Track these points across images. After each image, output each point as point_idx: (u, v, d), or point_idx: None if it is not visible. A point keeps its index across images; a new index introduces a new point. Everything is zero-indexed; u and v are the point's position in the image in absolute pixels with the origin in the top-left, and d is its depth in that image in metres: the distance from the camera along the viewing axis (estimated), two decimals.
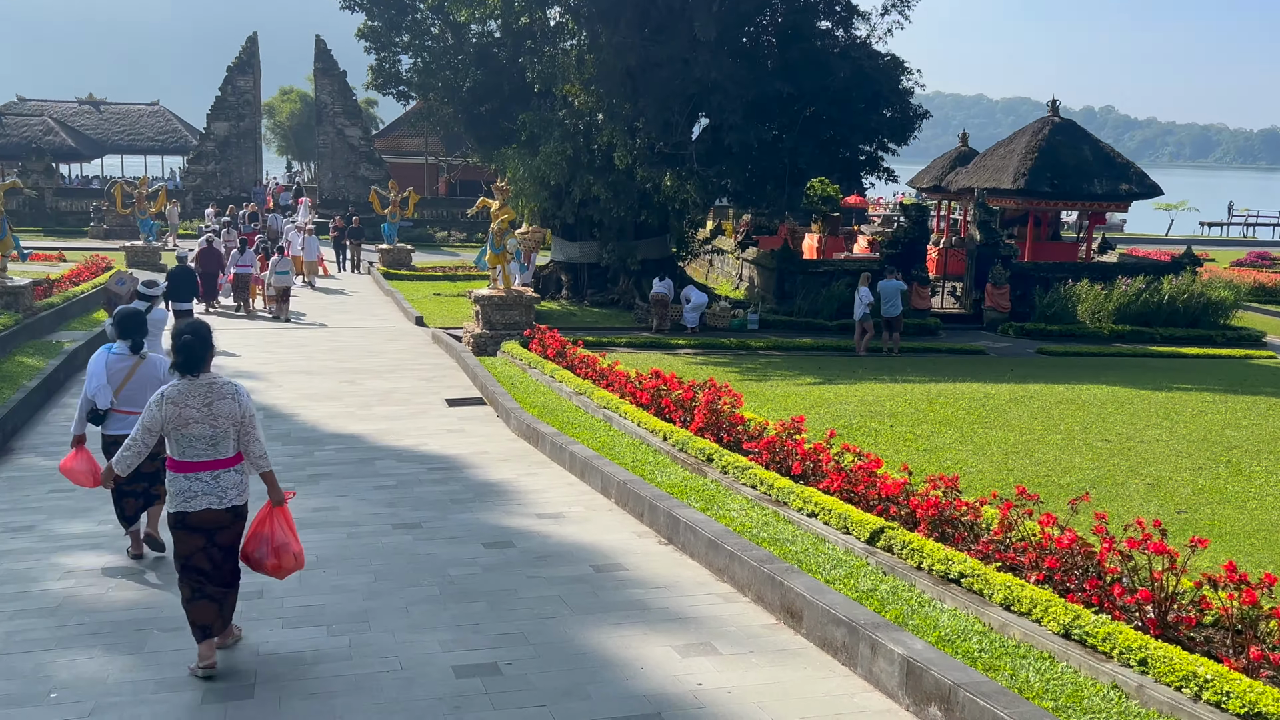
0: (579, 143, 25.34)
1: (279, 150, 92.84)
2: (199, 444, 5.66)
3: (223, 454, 5.74)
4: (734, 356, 21.03)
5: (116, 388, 7.49)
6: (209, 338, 5.91)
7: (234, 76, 53.12)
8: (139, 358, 7.61)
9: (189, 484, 5.71)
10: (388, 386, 16.16)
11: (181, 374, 5.72)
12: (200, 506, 5.70)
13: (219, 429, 5.68)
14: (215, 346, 6.03)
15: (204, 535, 5.76)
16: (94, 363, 7.65)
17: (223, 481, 5.74)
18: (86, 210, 47.05)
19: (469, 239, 48.86)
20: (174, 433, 5.66)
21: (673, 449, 10.39)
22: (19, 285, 17.75)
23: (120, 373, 7.53)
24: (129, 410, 7.34)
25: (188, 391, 5.67)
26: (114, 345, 7.69)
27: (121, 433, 7.16)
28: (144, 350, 7.70)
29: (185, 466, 5.71)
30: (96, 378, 7.53)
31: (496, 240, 19.94)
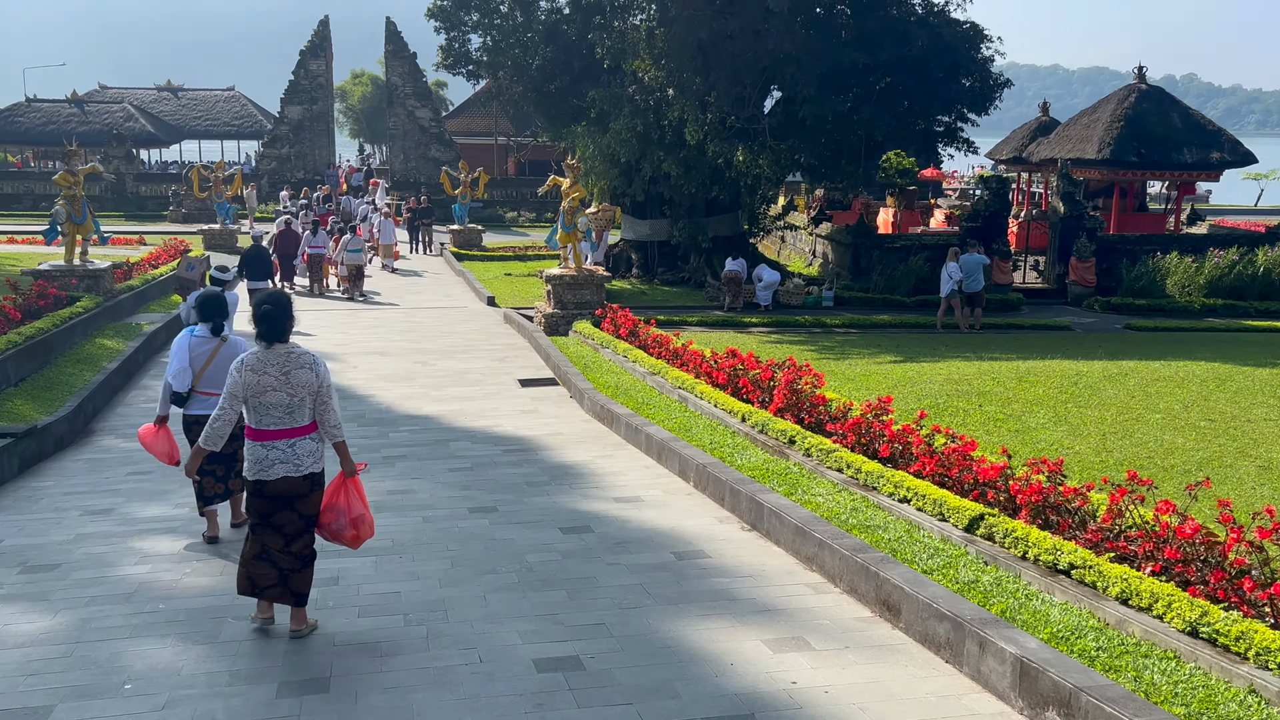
0: (649, 119, 24.99)
1: (351, 133, 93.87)
2: (276, 412, 5.72)
3: (298, 422, 5.79)
4: (809, 335, 20.56)
5: (199, 370, 7.53)
6: (289, 307, 5.93)
7: (306, 60, 53.62)
8: (220, 340, 7.61)
9: (266, 452, 5.76)
10: (461, 367, 16.05)
11: (264, 343, 5.76)
12: (278, 475, 5.75)
13: (296, 398, 5.74)
14: (295, 317, 6.05)
15: (283, 502, 5.82)
16: (176, 345, 7.68)
17: (299, 449, 5.78)
18: (165, 195, 48.00)
19: (538, 219, 48.82)
20: (252, 400, 5.74)
21: (752, 430, 10.05)
22: (99, 268, 17.99)
23: (202, 355, 7.56)
24: (211, 391, 7.37)
25: (267, 359, 5.73)
26: (196, 328, 7.71)
27: (203, 413, 7.19)
28: (225, 332, 7.70)
29: (262, 435, 5.77)
30: (178, 359, 7.56)
31: (567, 219, 19.70)
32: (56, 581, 6.71)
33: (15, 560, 7.19)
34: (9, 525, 8.10)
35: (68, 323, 14.89)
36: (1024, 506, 6.93)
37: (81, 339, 15.49)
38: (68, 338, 14.81)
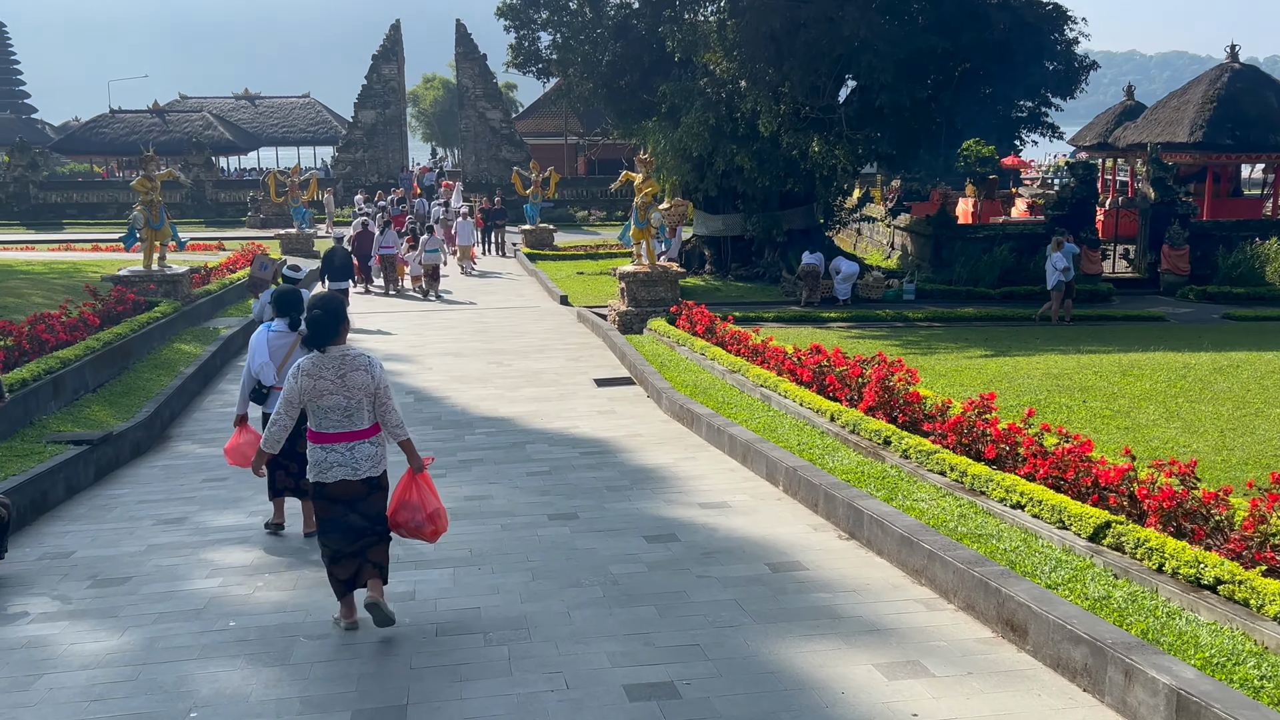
0: (721, 112, 24.46)
1: (424, 137, 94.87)
2: (334, 415, 5.69)
3: (357, 425, 5.75)
4: (891, 329, 19.90)
5: (278, 364, 7.49)
6: (340, 311, 5.82)
7: (379, 65, 54.06)
8: (298, 334, 7.48)
9: (324, 455, 5.75)
10: (536, 367, 15.75)
11: (317, 349, 5.73)
12: (335, 478, 5.73)
13: (353, 400, 5.69)
14: (349, 319, 5.98)
15: (344, 505, 5.80)
16: (255, 340, 7.66)
17: (357, 453, 5.74)
18: (244, 201, 48.71)
19: (609, 218, 48.55)
20: (310, 404, 5.71)
21: (842, 430, 9.53)
22: (177, 273, 18.07)
23: (281, 350, 7.53)
24: None
25: (322, 363, 5.69)
26: (273, 323, 7.68)
27: None
28: (302, 327, 7.47)
29: (322, 438, 5.76)
30: (259, 354, 7.55)
31: (640, 214, 19.30)
32: (126, 596, 6.48)
33: (86, 573, 6.99)
34: (82, 536, 7.94)
35: (145, 328, 14.90)
36: (1152, 513, 6.33)
37: (159, 344, 15.52)
38: (145, 343, 14.82)
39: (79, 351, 12.22)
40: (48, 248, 33.75)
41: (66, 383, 11.55)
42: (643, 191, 19.19)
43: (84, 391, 12.12)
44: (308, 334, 5.75)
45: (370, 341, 18.20)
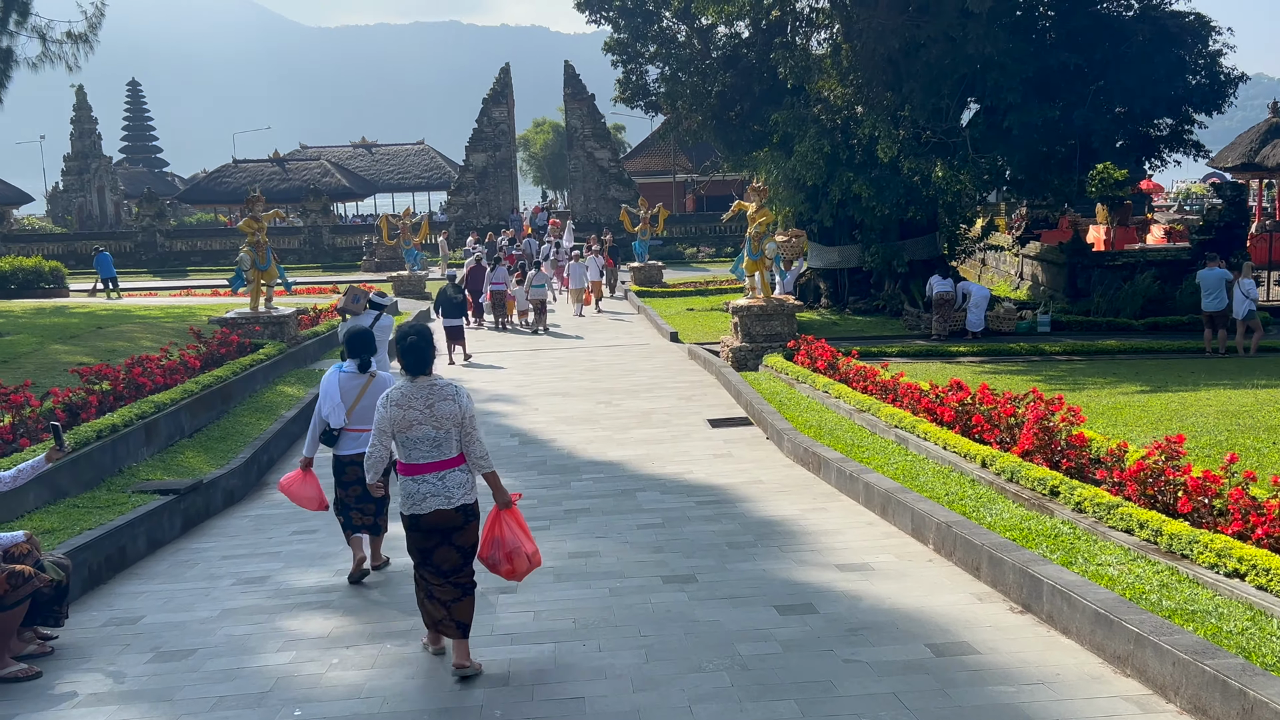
0: (836, 138, 23.42)
1: (534, 180, 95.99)
2: (423, 445, 5.68)
3: (446, 455, 5.73)
4: (1029, 363, 18.41)
5: (349, 406, 7.40)
6: (431, 338, 5.89)
7: (489, 108, 54.59)
8: (369, 376, 7.50)
9: (416, 486, 5.72)
10: (646, 407, 14.86)
11: (411, 375, 5.74)
12: (430, 508, 5.70)
13: (441, 430, 5.69)
14: (436, 348, 6.02)
15: (439, 536, 5.76)
16: (326, 381, 7.58)
17: (449, 481, 5.72)
18: (359, 245, 49.49)
19: (718, 254, 47.77)
20: (399, 435, 5.71)
21: (997, 478, 8.34)
22: (283, 315, 17.81)
23: (352, 391, 7.45)
24: (363, 428, 7.29)
25: (411, 394, 5.70)
26: (344, 364, 7.60)
27: (355, 452, 7.30)
28: (373, 368, 7.56)
29: (412, 469, 5.73)
30: (330, 397, 7.47)
31: (754, 245, 18.33)
32: (187, 674, 5.73)
33: (150, 644, 6.30)
34: (156, 597, 7.29)
35: (248, 370, 14.54)
36: None
37: (262, 386, 15.16)
38: (248, 385, 14.45)
39: (175, 395, 11.81)
40: (169, 293, 34.58)
41: (160, 428, 11.12)
42: (756, 221, 18.24)
43: (180, 436, 11.69)
44: (406, 361, 5.73)
45: (477, 381, 17.61)
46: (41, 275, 32.15)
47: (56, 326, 19.32)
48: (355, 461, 7.33)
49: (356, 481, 7.34)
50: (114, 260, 50.03)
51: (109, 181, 70.27)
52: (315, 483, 7.53)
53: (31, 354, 15.67)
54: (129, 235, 53.22)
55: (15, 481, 6.34)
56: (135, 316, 22.25)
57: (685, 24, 28.39)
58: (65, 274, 33.38)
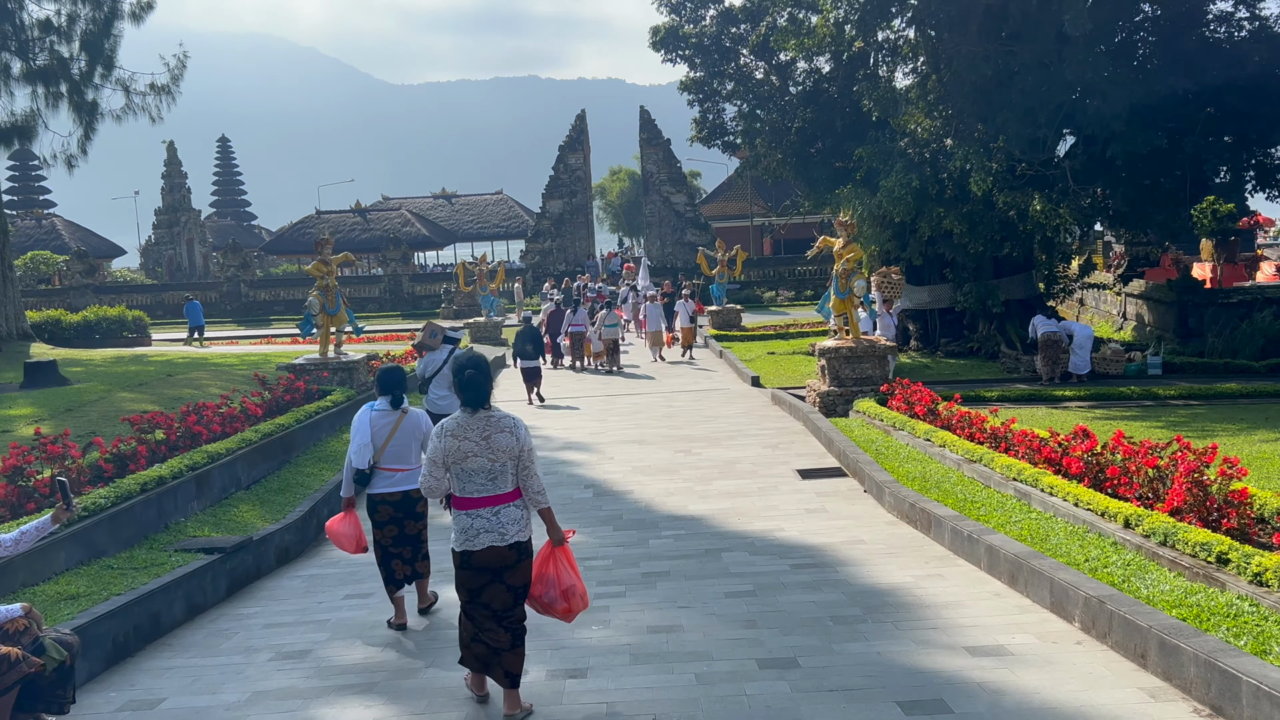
0: (925, 172, 22.28)
1: (610, 227, 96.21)
2: (478, 478, 5.55)
3: (501, 489, 5.58)
4: (1143, 408, 16.98)
5: (381, 445, 7.25)
6: (489, 371, 5.73)
7: (565, 155, 54.59)
8: (401, 413, 7.36)
9: (470, 521, 5.57)
10: (729, 456, 13.84)
11: (471, 409, 5.59)
12: (484, 544, 5.54)
13: (497, 463, 5.55)
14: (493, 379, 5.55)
15: (491, 574, 5.58)
16: (357, 421, 7.43)
17: (503, 517, 5.56)
18: (438, 293, 49.55)
19: (797, 297, 46.72)
20: (454, 467, 5.57)
21: (1145, 542, 7.16)
22: (352, 360, 17.25)
23: (384, 429, 7.29)
24: (395, 467, 7.27)
25: (467, 424, 5.56)
26: (376, 402, 7.47)
27: (389, 490, 7.21)
28: (404, 405, 7.43)
29: (466, 503, 5.59)
30: (360, 435, 7.30)
31: (842, 283, 17.29)
32: None
33: None
34: (183, 675, 6.48)
35: (312, 418, 13.91)
36: None
37: (328, 434, 14.51)
38: (312, 434, 13.80)
39: (232, 445, 11.17)
40: (250, 341, 34.69)
41: (213, 479, 10.45)
42: (843, 258, 17.22)
43: (235, 489, 11.02)
44: (464, 395, 5.59)
45: (550, 428, 16.79)
46: (125, 324, 32.43)
47: (129, 374, 19.06)
48: (387, 500, 7.25)
49: (390, 521, 7.26)
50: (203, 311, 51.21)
51: (198, 234, 72.02)
52: (356, 522, 7.39)
53: (97, 402, 15.29)
54: (214, 286, 54.12)
55: (17, 546, 5.62)
56: (211, 364, 21.99)
57: (763, 61, 27.69)
58: (148, 322, 33.67)
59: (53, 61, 28.64)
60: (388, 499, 7.24)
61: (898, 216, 22.68)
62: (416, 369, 13.29)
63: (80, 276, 51.43)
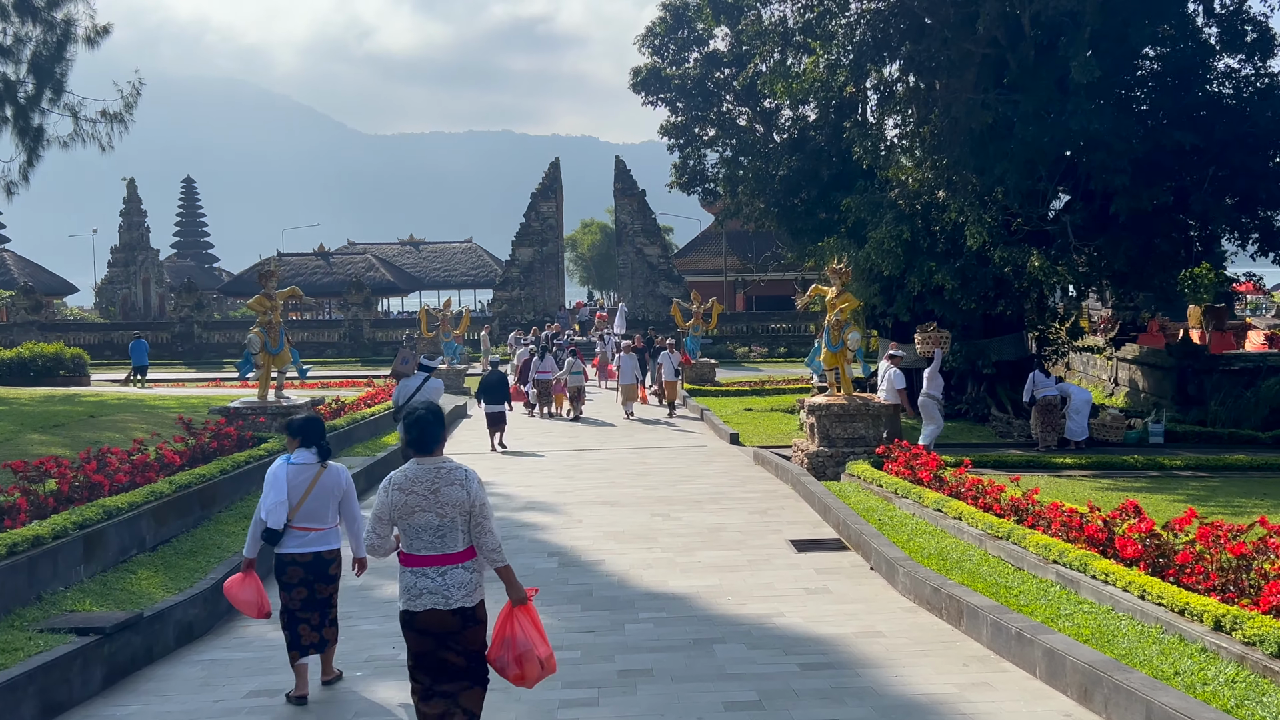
0: (916, 225, 21.17)
1: (580, 280, 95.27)
2: (425, 535, 5.18)
3: (450, 548, 5.21)
4: (1151, 479, 15.73)
5: (296, 502, 6.66)
6: (441, 416, 5.39)
7: (537, 202, 53.45)
8: (321, 466, 6.77)
9: (414, 580, 5.22)
10: (712, 521, 12.34)
11: (416, 452, 5.25)
12: (425, 606, 5.18)
13: (445, 519, 5.17)
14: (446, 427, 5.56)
15: (434, 640, 5.21)
16: (272, 475, 6.72)
17: (450, 579, 5.18)
18: (399, 339, 47.92)
19: (770, 354, 45.62)
20: (401, 522, 5.22)
21: (1250, 652, 5.74)
22: (294, 405, 15.63)
23: (301, 484, 6.69)
24: (310, 526, 6.72)
25: (416, 476, 5.21)
26: (293, 455, 6.79)
27: (300, 550, 6.69)
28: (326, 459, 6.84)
29: (412, 560, 5.25)
30: (275, 490, 6.66)
31: (834, 335, 15.97)
32: None
33: None
34: None
35: (241, 468, 12.27)
36: None
37: (258, 488, 12.81)
38: (239, 487, 12.15)
39: (137, 498, 9.53)
40: (197, 384, 32.82)
41: (108, 539, 8.80)
42: (836, 308, 15.92)
43: (137, 550, 9.36)
44: (410, 436, 5.25)
45: (512, 485, 15.23)
46: (62, 362, 30.45)
47: (49, 414, 17.30)
48: (298, 561, 6.67)
49: (300, 583, 6.71)
50: (153, 351, 49.11)
51: (155, 274, 69.95)
52: (257, 584, 6.84)
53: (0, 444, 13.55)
54: (166, 326, 52.19)
55: None
56: (145, 406, 20.24)
57: (747, 107, 26.68)
58: (87, 361, 31.69)
59: None
60: (298, 560, 6.69)
61: (886, 270, 21.50)
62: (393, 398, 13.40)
63: (25, 313, 49.35)
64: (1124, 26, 19.10)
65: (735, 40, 25.29)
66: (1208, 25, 20.90)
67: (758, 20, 22.71)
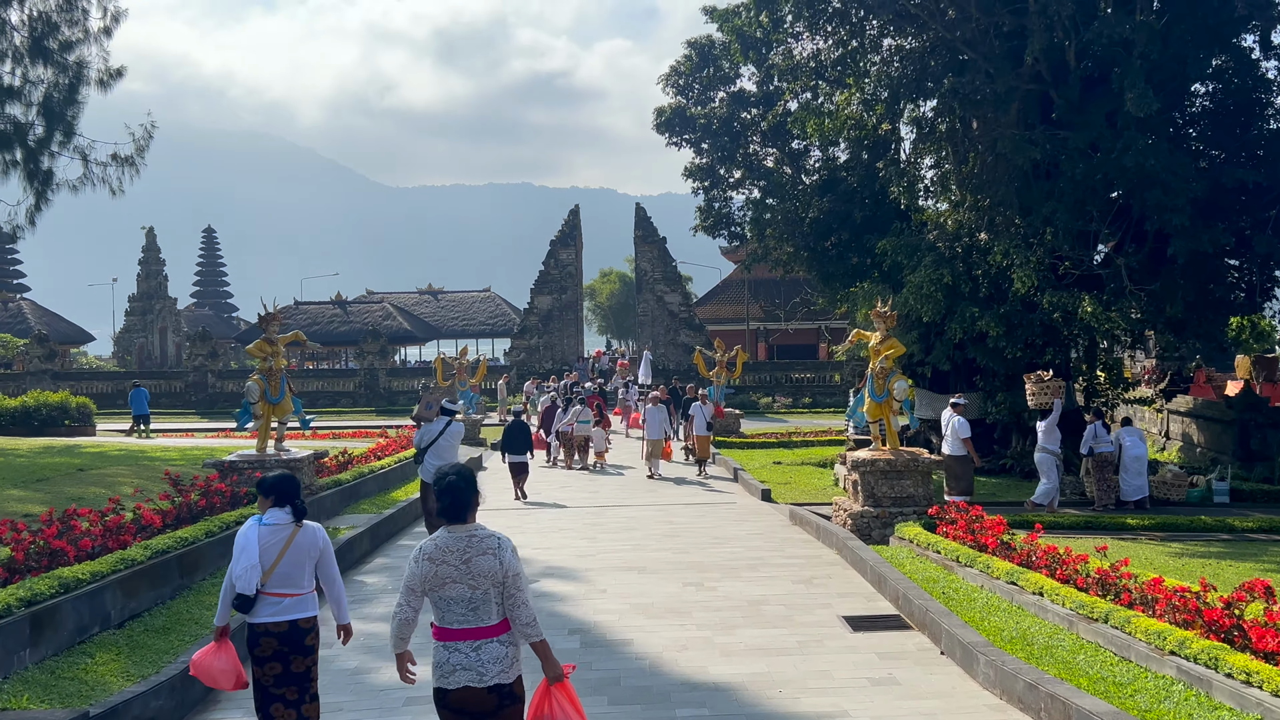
0: (957, 268, 20.02)
1: (599, 329, 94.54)
2: (457, 608, 4.95)
3: (484, 620, 4.95)
4: (1226, 544, 14.40)
5: (269, 566, 6.18)
6: (474, 481, 5.13)
7: (556, 249, 52.67)
8: (296, 526, 6.29)
9: (447, 655, 4.96)
10: (752, 593, 11.05)
11: (447, 521, 5.02)
12: (458, 684, 4.93)
13: (478, 590, 4.93)
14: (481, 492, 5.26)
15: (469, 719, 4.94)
16: (243, 537, 6.27)
17: (484, 654, 4.94)
18: (415, 389, 46.96)
19: (795, 405, 44.36)
20: (432, 594, 4.97)
21: None
22: (295, 458, 14.46)
23: (274, 547, 6.22)
24: (283, 592, 6.22)
25: (446, 546, 4.98)
26: (265, 515, 6.33)
27: (273, 620, 6.17)
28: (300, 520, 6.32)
29: (444, 634, 4.99)
30: (246, 554, 6.20)
31: (879, 384, 14.75)
32: None
33: None
34: None
35: (231, 529, 11.08)
36: None
37: None
38: (226, 550, 10.83)
39: (103, 567, 8.36)
40: (207, 435, 31.83)
41: (62, 618, 7.62)
42: (881, 355, 14.72)
43: (100, 627, 8.17)
44: (442, 504, 5.02)
45: (529, 547, 13.98)
46: (67, 412, 29.56)
47: (38, 467, 16.25)
48: (271, 631, 6.18)
49: (274, 657, 6.17)
50: (165, 401, 48.33)
51: (172, 322, 69.53)
52: (232, 654, 6.37)
53: None
54: (180, 375, 51.48)
55: None
56: (144, 458, 19.21)
57: (775, 148, 25.74)
58: (93, 410, 30.79)
59: (7, 126, 26.46)
60: (271, 630, 6.19)
61: (926, 316, 20.31)
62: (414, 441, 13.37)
63: (39, 361, 48.68)
64: (1179, 59, 18.08)
65: (764, 78, 24.41)
66: (1265, 59, 19.88)
67: (789, 55, 21.76)
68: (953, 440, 16.15)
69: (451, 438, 13.04)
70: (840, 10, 20.41)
